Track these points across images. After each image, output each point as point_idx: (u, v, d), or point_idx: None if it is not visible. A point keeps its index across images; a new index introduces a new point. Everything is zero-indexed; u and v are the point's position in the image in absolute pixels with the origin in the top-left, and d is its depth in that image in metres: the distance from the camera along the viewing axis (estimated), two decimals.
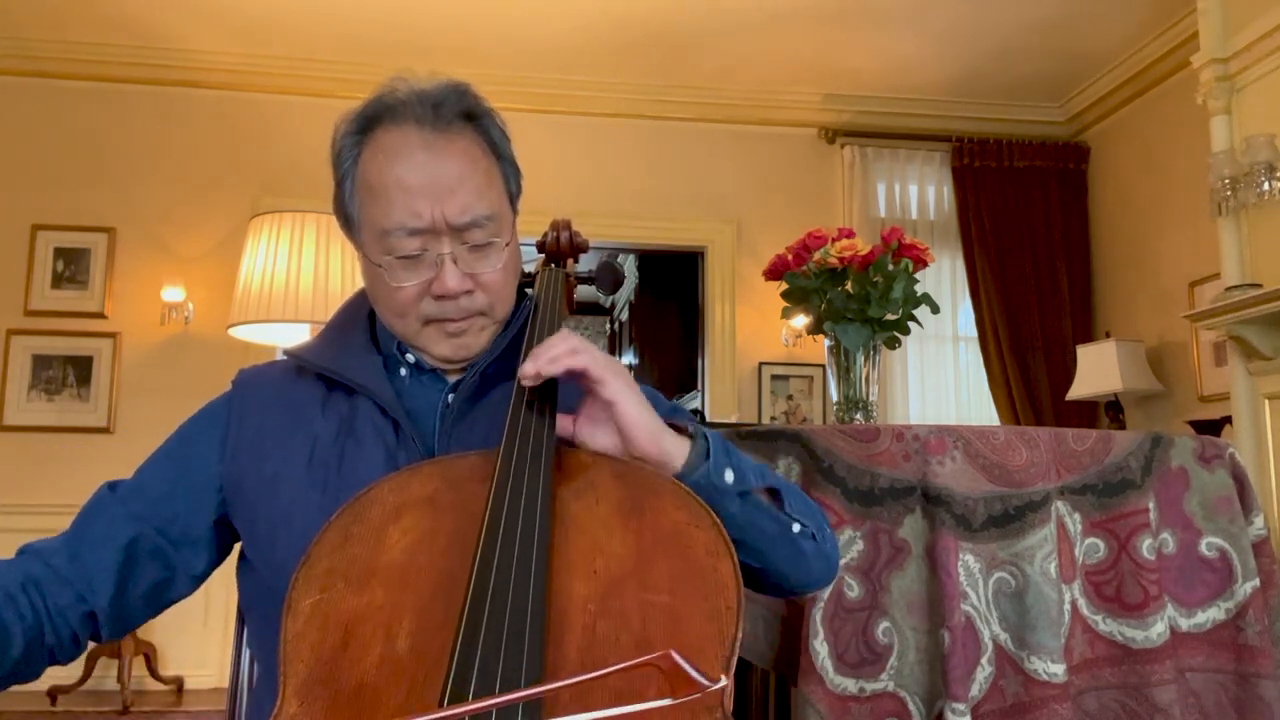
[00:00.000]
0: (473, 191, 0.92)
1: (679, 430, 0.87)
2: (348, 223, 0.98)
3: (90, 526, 0.92)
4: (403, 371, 0.99)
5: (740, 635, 0.66)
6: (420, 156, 0.90)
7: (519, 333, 1.00)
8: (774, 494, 0.92)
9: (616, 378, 0.83)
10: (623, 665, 0.49)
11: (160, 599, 0.94)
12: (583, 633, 0.65)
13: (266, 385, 1.00)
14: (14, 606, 0.83)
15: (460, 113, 0.94)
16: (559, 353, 0.82)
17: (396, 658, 0.64)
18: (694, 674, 0.48)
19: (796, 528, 0.92)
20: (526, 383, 0.83)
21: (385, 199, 0.90)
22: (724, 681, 0.48)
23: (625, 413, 0.82)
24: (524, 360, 0.87)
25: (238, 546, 0.98)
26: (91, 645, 0.92)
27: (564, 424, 0.87)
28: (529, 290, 1.10)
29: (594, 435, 0.85)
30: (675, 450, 0.84)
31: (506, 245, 0.95)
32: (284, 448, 0.93)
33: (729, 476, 0.85)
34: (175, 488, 0.94)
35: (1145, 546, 1.48)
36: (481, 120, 0.96)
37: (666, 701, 0.48)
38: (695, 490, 0.81)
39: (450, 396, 0.97)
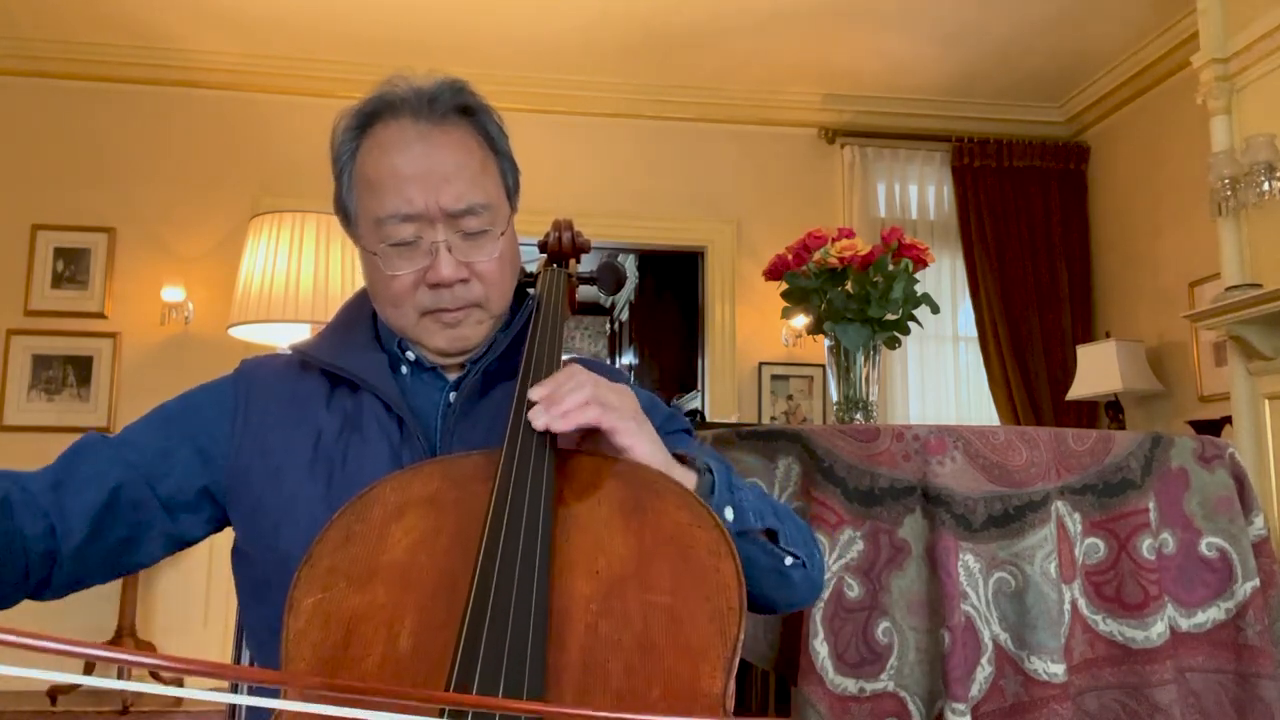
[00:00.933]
0: (467, 180, 0.92)
1: (685, 460, 0.87)
2: (346, 217, 0.99)
3: (77, 464, 0.89)
4: (404, 369, 0.99)
5: (742, 636, 0.66)
6: (416, 147, 0.92)
7: (520, 332, 1.01)
8: (770, 532, 0.92)
9: (628, 422, 0.81)
10: None
11: (122, 559, 0.90)
12: (585, 632, 0.65)
13: (271, 377, 1.00)
14: None
15: (456, 107, 0.95)
16: (571, 407, 0.80)
17: (399, 657, 0.65)
18: None
19: (789, 561, 0.92)
20: (537, 427, 0.80)
21: (381, 189, 0.92)
22: None
23: (639, 458, 0.81)
24: (526, 376, 0.88)
25: (229, 541, 0.97)
26: (27, 602, 0.86)
27: (567, 444, 0.86)
28: (531, 290, 1.10)
29: None
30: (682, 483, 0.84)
31: (502, 235, 0.95)
32: (288, 440, 0.93)
33: (729, 514, 0.85)
34: (177, 448, 0.93)
35: (1145, 546, 1.48)
36: (478, 115, 0.97)
37: None
38: None
39: (452, 395, 0.97)
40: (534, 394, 0.82)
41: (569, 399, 0.80)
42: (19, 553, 0.82)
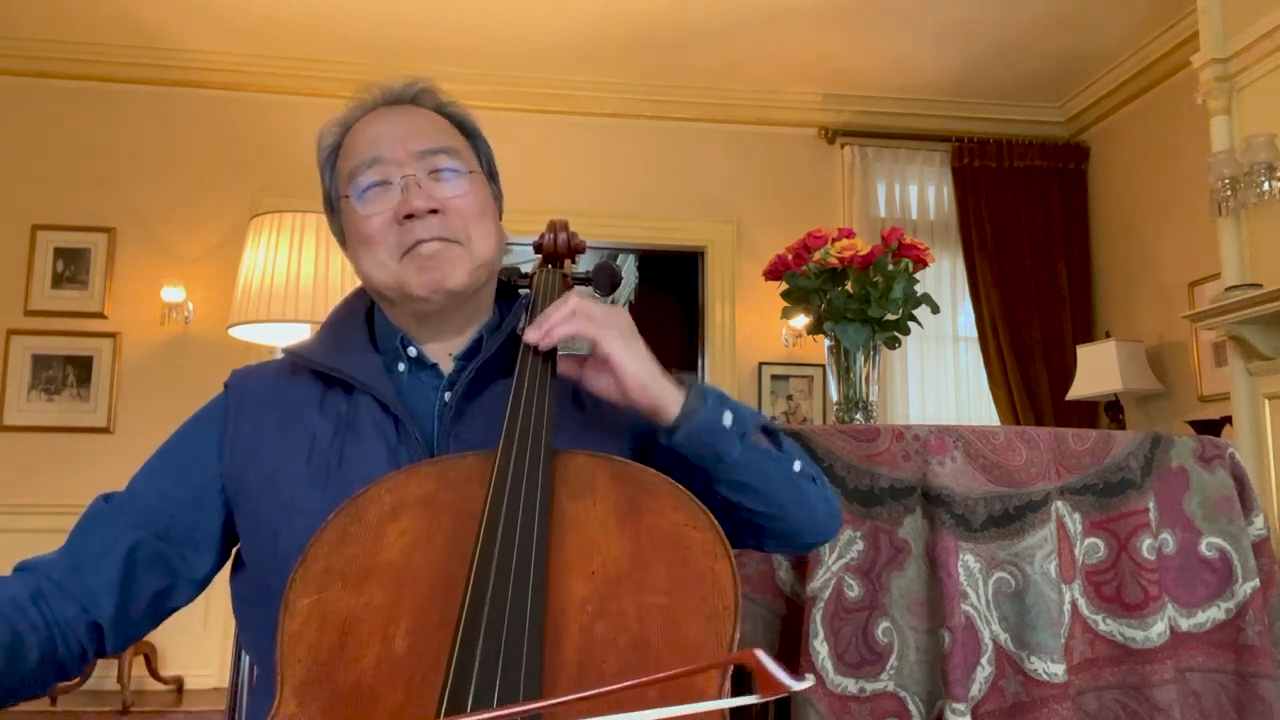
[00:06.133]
0: (434, 132, 0.98)
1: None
2: (331, 207, 1.02)
3: (88, 538, 0.91)
4: (401, 367, 0.99)
5: (738, 636, 0.66)
6: (388, 116, 0.99)
7: (514, 331, 1.01)
8: (770, 435, 0.95)
9: (608, 331, 0.86)
10: (711, 664, 0.49)
11: (162, 608, 0.93)
12: (580, 633, 0.65)
13: (261, 385, 1.00)
14: (27, 618, 0.83)
15: (425, 93, 1.03)
16: (555, 321, 0.87)
17: (394, 658, 0.64)
18: (779, 674, 0.47)
19: (797, 465, 0.95)
20: (528, 340, 0.88)
21: (354, 150, 0.97)
22: (809, 681, 0.49)
23: (619, 366, 0.85)
24: (521, 376, 0.90)
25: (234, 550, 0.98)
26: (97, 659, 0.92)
27: (571, 367, 0.91)
28: (525, 290, 1.10)
29: (596, 380, 0.89)
30: (668, 398, 0.87)
31: (471, 173, 0.98)
32: (282, 446, 0.93)
33: (728, 420, 0.88)
34: (175, 491, 0.94)
35: (1145, 546, 1.48)
36: (447, 107, 1.04)
37: (754, 699, 0.48)
38: (698, 433, 0.86)
39: (447, 395, 0.97)
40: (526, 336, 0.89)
41: (554, 315, 0.87)
42: (69, 636, 0.86)
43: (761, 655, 0.48)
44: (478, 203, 0.98)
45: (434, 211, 0.93)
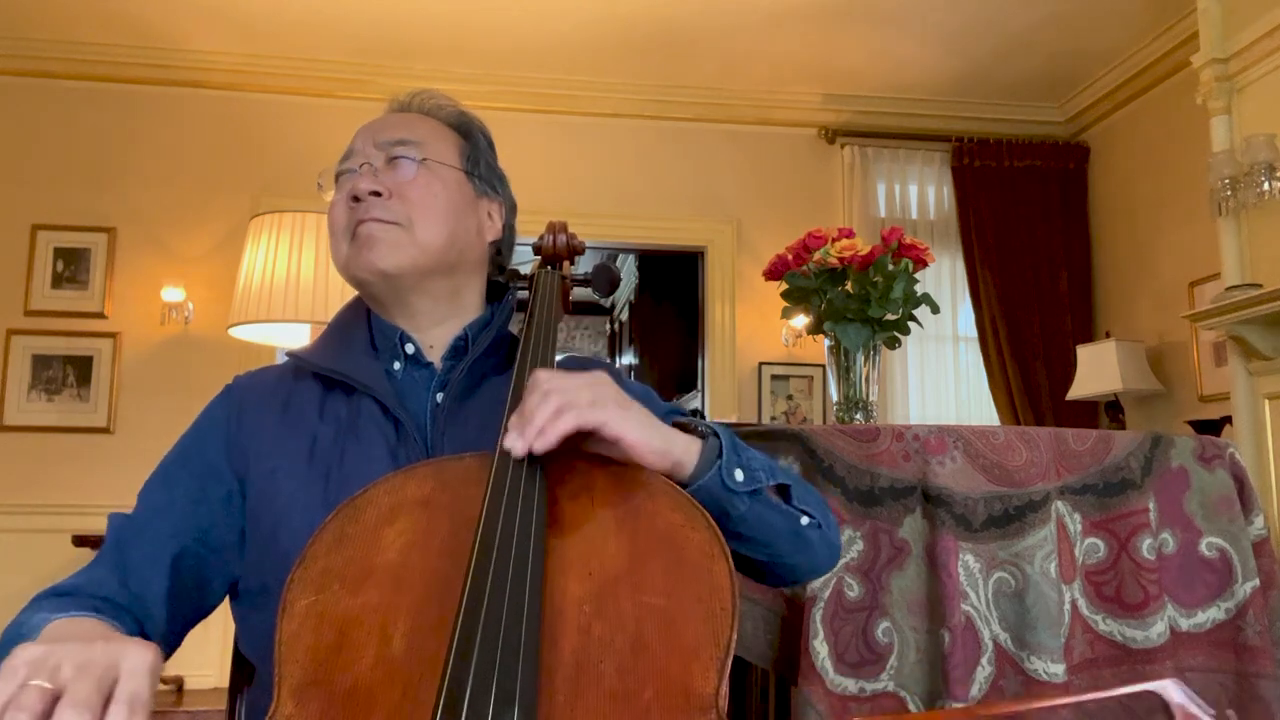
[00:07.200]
0: (403, 127, 1.01)
1: (686, 429, 0.87)
2: None
3: (128, 553, 0.90)
4: (396, 365, 0.99)
5: (735, 637, 0.65)
6: (378, 118, 1.04)
7: (503, 329, 1.02)
8: (782, 489, 0.92)
9: (610, 412, 0.77)
10: (1118, 692, 0.48)
11: (200, 613, 0.94)
12: (578, 634, 0.65)
13: (262, 388, 1.00)
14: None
15: (423, 101, 1.06)
16: (542, 421, 0.76)
17: (391, 659, 0.64)
18: (1196, 710, 0.46)
19: (805, 520, 0.92)
20: (518, 452, 0.76)
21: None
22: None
23: (631, 444, 0.78)
24: (521, 377, 0.88)
25: None
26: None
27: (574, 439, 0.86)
28: (522, 289, 1.10)
29: (600, 448, 0.82)
30: (685, 458, 0.83)
31: (423, 160, 0.99)
32: (283, 446, 0.94)
33: (739, 475, 0.85)
34: (202, 495, 0.93)
35: (1145, 546, 1.48)
36: (437, 108, 1.06)
37: None
38: (707, 491, 0.82)
39: (440, 395, 0.97)
40: (509, 426, 0.79)
41: (539, 415, 0.76)
42: None
43: (1178, 689, 0.47)
44: (428, 190, 0.98)
45: (377, 194, 0.96)
